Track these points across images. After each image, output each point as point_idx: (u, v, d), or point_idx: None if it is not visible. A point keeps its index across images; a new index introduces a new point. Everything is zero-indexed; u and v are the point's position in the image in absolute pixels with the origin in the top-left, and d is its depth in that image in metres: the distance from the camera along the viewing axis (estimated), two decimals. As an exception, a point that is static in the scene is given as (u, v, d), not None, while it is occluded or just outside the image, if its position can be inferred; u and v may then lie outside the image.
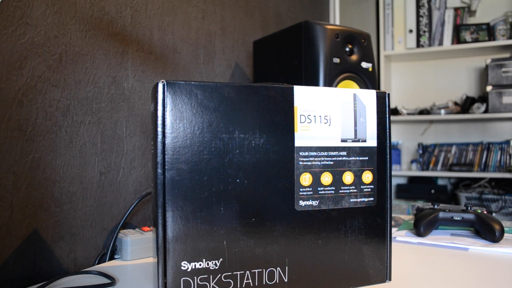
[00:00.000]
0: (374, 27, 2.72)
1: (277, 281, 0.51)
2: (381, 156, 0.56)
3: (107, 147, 0.79)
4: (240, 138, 0.49)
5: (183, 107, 0.47)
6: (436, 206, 0.86)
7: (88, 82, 0.75)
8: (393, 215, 1.09)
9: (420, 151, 2.48)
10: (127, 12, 0.84)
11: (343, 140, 0.54)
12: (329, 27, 0.94)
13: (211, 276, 0.48)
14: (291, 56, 0.99)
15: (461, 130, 2.52)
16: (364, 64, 0.98)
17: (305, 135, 0.52)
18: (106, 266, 0.68)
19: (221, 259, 0.48)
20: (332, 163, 0.54)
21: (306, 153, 0.52)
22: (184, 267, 0.47)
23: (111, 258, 0.74)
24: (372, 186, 0.56)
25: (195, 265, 0.47)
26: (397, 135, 2.67)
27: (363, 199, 0.55)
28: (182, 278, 0.47)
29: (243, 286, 0.49)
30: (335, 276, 0.53)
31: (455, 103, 2.42)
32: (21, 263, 0.64)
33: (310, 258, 0.52)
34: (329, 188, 0.53)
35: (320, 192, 0.53)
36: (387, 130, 0.57)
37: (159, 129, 0.47)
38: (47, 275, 0.67)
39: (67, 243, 0.71)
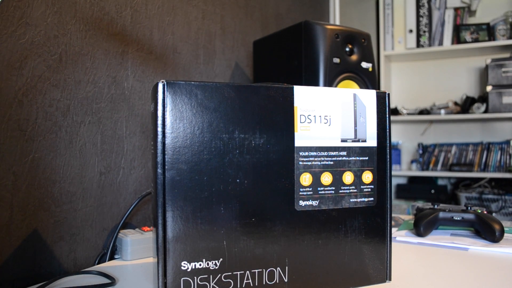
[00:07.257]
0: (374, 27, 2.72)
1: (277, 281, 0.51)
2: (381, 156, 0.56)
3: (107, 147, 0.79)
4: (240, 138, 0.49)
5: (183, 107, 0.47)
6: (436, 206, 0.86)
7: (88, 82, 0.75)
8: (393, 215, 1.09)
9: (420, 151, 2.48)
10: (127, 12, 0.84)
11: (343, 140, 0.54)
12: (329, 27, 0.94)
13: (211, 276, 0.48)
14: (291, 56, 0.99)
15: (461, 130, 2.52)
16: (364, 64, 0.98)
17: (305, 135, 0.52)
18: (106, 266, 0.68)
19: (221, 259, 0.49)
20: (332, 163, 0.54)
21: (306, 153, 0.52)
22: (184, 267, 0.47)
23: (111, 258, 0.74)
24: (372, 186, 0.56)
25: (195, 265, 0.47)
26: (397, 135, 2.67)
27: (363, 199, 0.55)
28: (182, 278, 0.47)
29: (243, 286, 0.49)
30: (335, 276, 0.53)
31: (455, 103, 2.42)
32: (21, 263, 0.64)
33: (310, 258, 0.52)
34: (329, 188, 0.53)
35: (320, 192, 0.53)
36: (387, 130, 0.57)
37: (159, 129, 0.47)
38: (47, 275, 0.67)
39: (67, 243, 0.71)
